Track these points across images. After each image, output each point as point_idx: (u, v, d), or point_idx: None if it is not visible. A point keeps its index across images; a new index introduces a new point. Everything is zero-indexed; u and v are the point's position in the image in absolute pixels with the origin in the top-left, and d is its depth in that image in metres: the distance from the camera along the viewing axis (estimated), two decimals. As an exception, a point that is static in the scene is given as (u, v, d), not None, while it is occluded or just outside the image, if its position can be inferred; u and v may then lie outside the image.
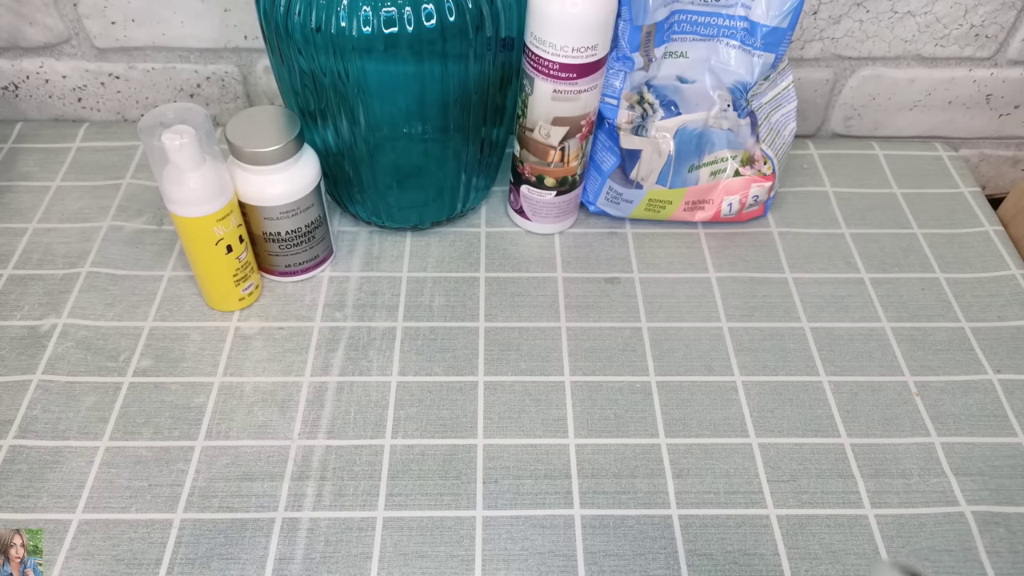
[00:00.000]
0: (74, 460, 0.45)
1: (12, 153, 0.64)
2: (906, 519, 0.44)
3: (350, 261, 0.57)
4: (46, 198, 0.60)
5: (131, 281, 0.54)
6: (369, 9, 0.44)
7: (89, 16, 0.62)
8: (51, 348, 0.50)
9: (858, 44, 0.65)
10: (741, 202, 0.58)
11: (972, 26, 0.64)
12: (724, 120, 0.55)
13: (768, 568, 0.42)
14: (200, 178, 0.45)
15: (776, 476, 0.46)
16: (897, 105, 0.69)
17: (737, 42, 0.53)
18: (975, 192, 0.64)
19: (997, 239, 0.60)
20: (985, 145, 0.73)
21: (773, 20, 0.51)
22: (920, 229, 0.61)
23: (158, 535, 0.42)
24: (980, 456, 0.47)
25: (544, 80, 0.49)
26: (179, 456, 0.45)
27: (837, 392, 0.50)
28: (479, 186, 0.58)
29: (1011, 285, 0.57)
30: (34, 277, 0.54)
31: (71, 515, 0.43)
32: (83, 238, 0.57)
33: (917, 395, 0.50)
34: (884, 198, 0.63)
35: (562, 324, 0.53)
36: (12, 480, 0.44)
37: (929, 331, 0.53)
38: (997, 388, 0.50)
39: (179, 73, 0.65)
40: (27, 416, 0.47)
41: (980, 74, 0.67)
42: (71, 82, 0.66)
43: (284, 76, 0.50)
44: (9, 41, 0.63)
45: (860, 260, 0.58)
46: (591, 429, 0.47)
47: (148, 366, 0.50)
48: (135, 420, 0.47)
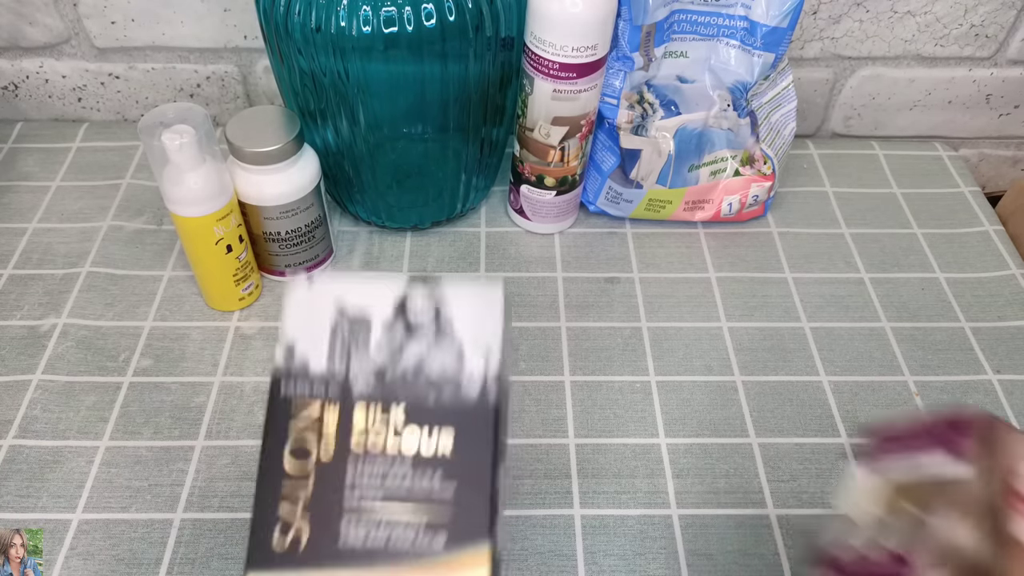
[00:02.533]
0: (74, 460, 0.45)
1: (12, 153, 0.64)
2: (906, 519, 0.44)
3: (350, 261, 0.57)
4: (46, 198, 0.60)
5: (131, 281, 0.54)
6: (369, 9, 0.44)
7: (89, 16, 0.62)
8: (51, 348, 0.50)
9: (858, 44, 0.65)
10: (741, 202, 0.58)
11: (972, 26, 0.64)
12: (724, 120, 0.55)
13: (768, 568, 0.42)
14: (200, 178, 0.45)
15: (776, 476, 0.46)
16: (897, 105, 0.69)
17: (737, 42, 0.53)
18: (975, 192, 0.64)
19: (997, 239, 0.60)
20: (985, 145, 0.73)
21: (773, 20, 0.51)
22: (920, 229, 0.61)
23: (158, 535, 0.42)
24: (980, 456, 0.47)
25: (544, 80, 0.49)
26: (179, 456, 0.45)
27: (837, 392, 0.50)
28: (479, 186, 0.58)
29: (1011, 285, 0.57)
30: (34, 277, 0.54)
31: (71, 515, 0.43)
32: (83, 238, 0.57)
33: (917, 395, 0.50)
34: (884, 198, 0.63)
35: (562, 324, 0.53)
36: (12, 480, 0.44)
37: (929, 331, 0.53)
38: (997, 388, 0.50)
39: (179, 73, 0.65)
40: (27, 416, 0.47)
41: (980, 74, 0.67)
42: (71, 82, 0.66)
43: (284, 76, 0.50)
44: (9, 41, 0.63)
45: (860, 260, 0.58)
46: (591, 429, 0.47)
47: (148, 366, 0.50)
48: (135, 420, 0.47)
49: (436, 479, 0.24)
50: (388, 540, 0.23)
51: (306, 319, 0.25)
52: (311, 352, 0.25)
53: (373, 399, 0.25)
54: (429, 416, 0.24)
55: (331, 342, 0.25)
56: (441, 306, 0.25)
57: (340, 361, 0.25)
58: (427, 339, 0.25)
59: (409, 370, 0.25)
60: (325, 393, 0.25)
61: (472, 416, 0.25)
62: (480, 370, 0.25)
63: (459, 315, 0.25)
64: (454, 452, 0.24)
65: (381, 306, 0.26)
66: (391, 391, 0.25)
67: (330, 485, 0.24)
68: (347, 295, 0.26)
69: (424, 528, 0.23)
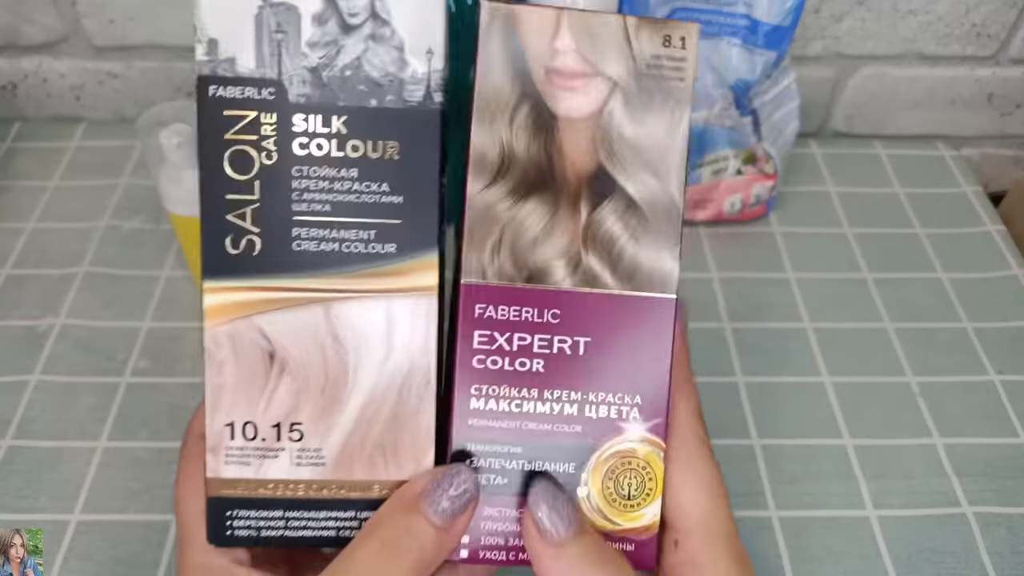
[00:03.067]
0: (72, 461, 0.45)
1: (10, 152, 0.63)
2: (908, 520, 0.44)
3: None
4: (44, 198, 0.60)
5: (129, 281, 0.54)
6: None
7: (87, 15, 0.61)
8: (49, 348, 0.50)
9: (860, 43, 0.64)
10: (743, 201, 0.58)
11: (973, 25, 0.64)
12: (726, 119, 0.55)
13: (770, 570, 0.42)
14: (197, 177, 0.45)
15: (778, 478, 0.45)
16: (899, 104, 0.69)
17: (739, 40, 0.53)
18: (977, 192, 0.63)
19: (1000, 239, 0.59)
20: (987, 144, 0.73)
21: (775, 18, 0.51)
22: (922, 229, 0.60)
23: (156, 536, 0.42)
24: (982, 457, 0.47)
25: (544, 79, 0.49)
26: (177, 457, 0.45)
27: (839, 393, 0.50)
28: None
29: (1014, 285, 0.56)
30: (32, 277, 0.54)
31: (69, 516, 0.43)
32: (81, 238, 0.57)
33: (919, 396, 0.50)
34: (886, 198, 0.63)
35: (562, 324, 0.53)
36: (10, 480, 0.44)
37: (931, 331, 0.53)
38: (999, 389, 0.50)
39: (177, 72, 0.65)
40: (25, 416, 0.47)
41: (982, 73, 0.67)
42: (69, 81, 0.66)
43: (283, 74, 0.49)
44: (7, 40, 0.63)
45: (862, 260, 0.58)
46: (592, 430, 0.47)
47: (146, 366, 0.49)
48: (133, 421, 0.47)
49: (383, 187, 0.23)
50: (340, 245, 0.23)
51: (224, 9, 0.23)
52: (236, 48, 0.23)
53: (311, 109, 0.23)
54: (371, 126, 0.23)
55: (257, 36, 0.23)
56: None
57: (271, 58, 0.23)
58: (364, 35, 0.23)
59: (347, 71, 0.23)
60: (259, 94, 0.23)
61: (417, 122, 0.23)
62: (423, 71, 0.23)
63: (396, 7, 0.23)
64: (400, 161, 0.23)
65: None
66: (329, 96, 0.23)
67: (277, 191, 0.23)
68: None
69: (375, 235, 0.23)
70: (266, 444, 0.24)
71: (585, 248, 0.24)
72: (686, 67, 0.24)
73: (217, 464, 0.25)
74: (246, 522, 0.25)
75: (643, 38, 0.24)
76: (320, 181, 0.23)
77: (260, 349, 0.24)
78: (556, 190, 0.24)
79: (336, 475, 0.24)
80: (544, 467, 0.25)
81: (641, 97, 0.24)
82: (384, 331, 0.24)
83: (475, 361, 0.24)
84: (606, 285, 0.25)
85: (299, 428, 0.24)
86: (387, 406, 0.24)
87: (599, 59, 0.24)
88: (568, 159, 0.24)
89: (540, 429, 0.25)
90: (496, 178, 0.24)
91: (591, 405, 0.25)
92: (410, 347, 0.24)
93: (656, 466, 0.25)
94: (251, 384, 0.24)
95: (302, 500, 0.25)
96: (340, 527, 0.25)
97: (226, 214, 0.23)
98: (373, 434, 0.24)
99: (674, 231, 0.25)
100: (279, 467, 0.24)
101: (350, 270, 0.24)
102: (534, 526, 0.23)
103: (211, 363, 0.24)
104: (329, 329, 0.24)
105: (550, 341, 0.24)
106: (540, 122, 0.24)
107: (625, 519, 0.25)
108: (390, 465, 0.24)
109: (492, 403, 0.25)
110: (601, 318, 0.24)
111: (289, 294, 0.24)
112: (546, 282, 0.24)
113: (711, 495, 0.25)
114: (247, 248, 0.23)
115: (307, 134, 0.23)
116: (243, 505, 0.25)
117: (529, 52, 0.24)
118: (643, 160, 0.24)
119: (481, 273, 0.24)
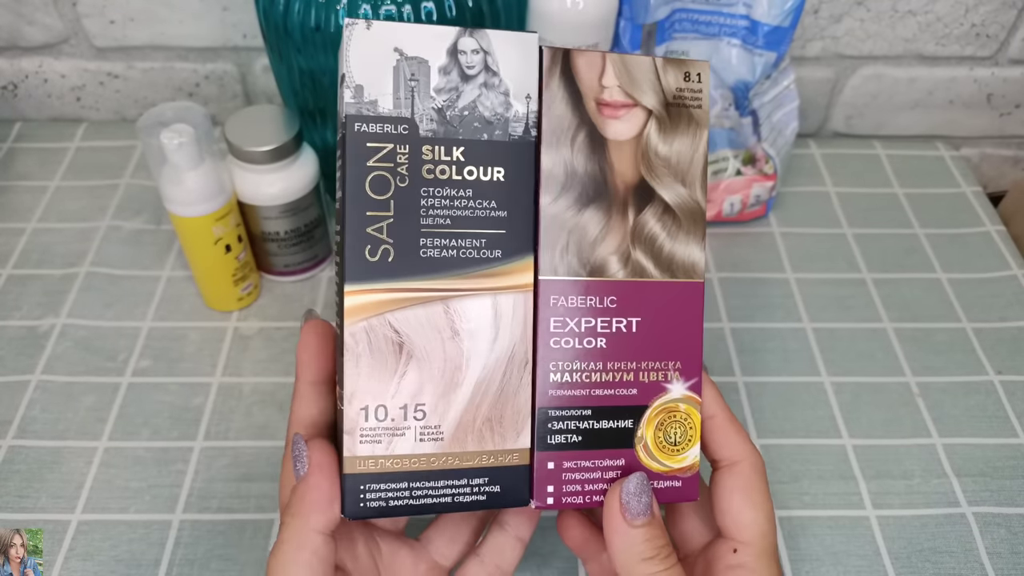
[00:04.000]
0: (73, 460, 0.45)
1: (11, 153, 0.63)
2: (907, 520, 0.44)
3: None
4: (45, 198, 0.60)
5: (130, 281, 0.54)
6: (368, 8, 0.44)
7: (88, 15, 0.61)
8: (50, 348, 0.50)
9: (859, 43, 0.65)
10: (743, 202, 0.58)
11: (973, 25, 0.64)
12: (725, 119, 0.55)
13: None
14: (198, 177, 0.45)
15: (778, 478, 0.45)
16: (898, 104, 0.69)
17: (738, 41, 0.53)
18: (976, 192, 0.64)
19: (999, 239, 0.60)
20: (986, 144, 0.73)
21: (775, 19, 0.51)
22: (922, 229, 0.60)
23: (157, 536, 0.42)
24: (981, 457, 0.47)
25: (544, 79, 0.49)
26: (178, 457, 0.45)
27: (839, 393, 0.50)
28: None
29: (1013, 286, 0.56)
30: (33, 277, 0.54)
31: (70, 515, 0.43)
32: (82, 238, 0.57)
33: (919, 396, 0.50)
34: (886, 198, 0.63)
35: (562, 324, 0.53)
36: (11, 480, 0.44)
37: (931, 332, 0.53)
38: (998, 389, 0.50)
39: (178, 72, 0.65)
40: (26, 416, 0.47)
41: (981, 73, 0.67)
42: (70, 82, 0.66)
43: (283, 75, 0.50)
44: (8, 41, 0.63)
45: (862, 260, 0.58)
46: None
47: (147, 366, 0.49)
48: (134, 420, 0.47)
49: (492, 204, 0.29)
50: (458, 252, 0.28)
51: (368, 61, 0.28)
52: (377, 92, 0.28)
53: (437, 142, 0.28)
54: (484, 155, 0.28)
55: (395, 83, 0.28)
56: (489, 53, 0.28)
57: (406, 100, 0.28)
58: (479, 83, 0.28)
59: (465, 111, 0.28)
60: (395, 129, 0.28)
61: (518, 152, 0.29)
62: (523, 111, 0.29)
63: (503, 62, 0.28)
64: (504, 183, 0.29)
65: (435, 51, 0.28)
66: (451, 131, 0.28)
67: (408, 208, 0.28)
68: (404, 39, 0.28)
69: (485, 243, 0.29)
70: (395, 424, 0.28)
71: (633, 246, 0.30)
72: (702, 97, 0.30)
73: (353, 444, 0.28)
74: (377, 495, 0.28)
75: (669, 75, 0.30)
76: (442, 200, 0.28)
77: (391, 342, 0.28)
78: (609, 199, 0.29)
79: (452, 448, 0.29)
80: (609, 425, 0.30)
81: (670, 122, 0.30)
82: (492, 321, 0.29)
83: (552, 342, 0.29)
84: (651, 275, 0.30)
85: (423, 408, 0.28)
86: (494, 386, 0.29)
87: (637, 92, 0.29)
88: (616, 174, 0.29)
89: (604, 395, 0.30)
90: (562, 191, 0.29)
91: (643, 372, 0.30)
92: (512, 334, 0.29)
93: (695, 416, 0.31)
94: (383, 372, 0.28)
95: (423, 472, 0.29)
96: (455, 493, 0.29)
97: (366, 228, 0.28)
98: (483, 410, 0.29)
99: (700, 229, 0.30)
100: (405, 444, 0.28)
101: (465, 272, 0.28)
102: (618, 498, 0.28)
103: (349, 356, 0.28)
104: (448, 322, 0.28)
105: (610, 322, 0.30)
106: (593, 144, 0.29)
107: (673, 461, 0.30)
108: (496, 436, 0.29)
109: (567, 376, 0.29)
110: (648, 301, 0.30)
111: (415, 294, 0.28)
112: (605, 275, 0.29)
113: (768, 518, 0.30)
114: (383, 256, 0.28)
115: (433, 162, 0.28)
116: (375, 480, 0.28)
117: (582, 87, 0.29)
118: (674, 172, 0.30)
119: (554, 270, 0.29)
